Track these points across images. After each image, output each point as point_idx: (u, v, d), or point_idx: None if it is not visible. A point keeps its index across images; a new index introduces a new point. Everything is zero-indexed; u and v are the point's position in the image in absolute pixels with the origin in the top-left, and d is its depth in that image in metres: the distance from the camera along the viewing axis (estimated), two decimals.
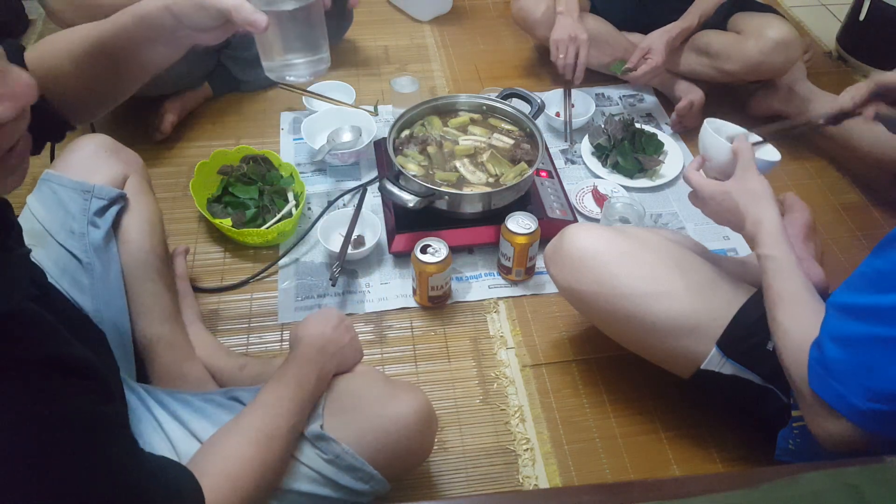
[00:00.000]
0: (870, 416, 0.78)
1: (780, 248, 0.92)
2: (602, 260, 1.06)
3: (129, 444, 0.64)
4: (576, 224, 1.15)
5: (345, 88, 1.78)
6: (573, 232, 1.10)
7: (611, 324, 1.10)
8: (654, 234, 1.11)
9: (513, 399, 1.22)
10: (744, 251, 1.46)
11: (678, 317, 1.01)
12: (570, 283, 1.10)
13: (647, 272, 1.03)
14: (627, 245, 1.06)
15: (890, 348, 0.75)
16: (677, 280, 1.02)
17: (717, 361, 1.00)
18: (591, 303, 1.09)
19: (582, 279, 1.08)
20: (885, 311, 0.75)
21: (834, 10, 2.37)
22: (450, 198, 1.34)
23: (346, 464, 0.85)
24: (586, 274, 1.07)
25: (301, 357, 0.89)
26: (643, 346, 1.09)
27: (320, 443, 0.85)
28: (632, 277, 1.03)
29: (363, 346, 0.98)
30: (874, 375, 0.76)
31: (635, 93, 1.89)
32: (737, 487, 0.59)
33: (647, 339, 1.06)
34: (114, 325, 1.01)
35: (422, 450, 0.96)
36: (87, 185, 1.04)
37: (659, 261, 1.05)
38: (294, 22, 0.83)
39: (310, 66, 0.87)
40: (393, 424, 0.88)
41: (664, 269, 1.04)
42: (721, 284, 1.04)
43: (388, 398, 0.90)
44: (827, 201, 1.61)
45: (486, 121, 1.53)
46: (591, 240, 1.08)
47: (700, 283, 1.03)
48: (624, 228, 1.16)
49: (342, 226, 1.42)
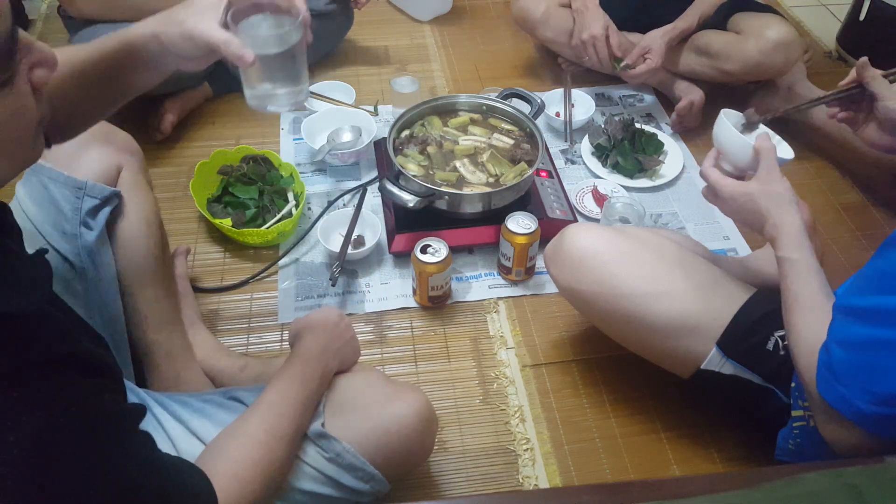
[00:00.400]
0: (874, 420, 0.77)
1: (802, 251, 0.91)
2: (602, 260, 1.06)
3: (149, 441, 0.65)
4: (576, 224, 1.15)
5: (345, 88, 1.78)
6: (573, 232, 1.10)
7: (611, 324, 1.10)
8: (654, 235, 1.11)
9: (513, 399, 1.22)
10: (744, 251, 1.46)
11: (678, 317, 1.01)
12: (570, 283, 1.10)
13: (647, 272, 1.03)
14: (627, 245, 1.06)
15: (892, 350, 0.74)
16: (677, 280, 1.02)
17: (717, 361, 1.00)
18: (591, 303, 1.09)
19: (582, 279, 1.08)
20: (887, 313, 0.75)
21: (834, 10, 2.37)
22: (450, 198, 1.34)
23: (346, 462, 0.85)
24: (586, 274, 1.07)
25: (304, 356, 0.89)
26: (643, 346, 1.09)
27: (322, 441, 0.85)
28: (632, 277, 1.03)
29: (363, 346, 0.98)
30: (876, 378, 0.76)
31: (635, 93, 1.89)
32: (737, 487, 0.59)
33: (647, 339, 1.06)
34: (108, 332, 0.99)
35: (422, 450, 0.95)
36: (79, 182, 0.99)
37: (659, 261, 1.05)
38: (278, 59, 0.85)
39: (290, 96, 0.89)
40: (394, 424, 0.88)
41: (664, 269, 1.04)
42: (721, 284, 1.04)
43: (390, 398, 0.90)
44: (827, 201, 1.61)
45: (486, 121, 1.53)
46: (590, 240, 1.08)
47: (700, 282, 1.03)
48: (624, 228, 1.16)
49: (342, 226, 1.42)
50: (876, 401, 0.76)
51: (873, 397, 0.76)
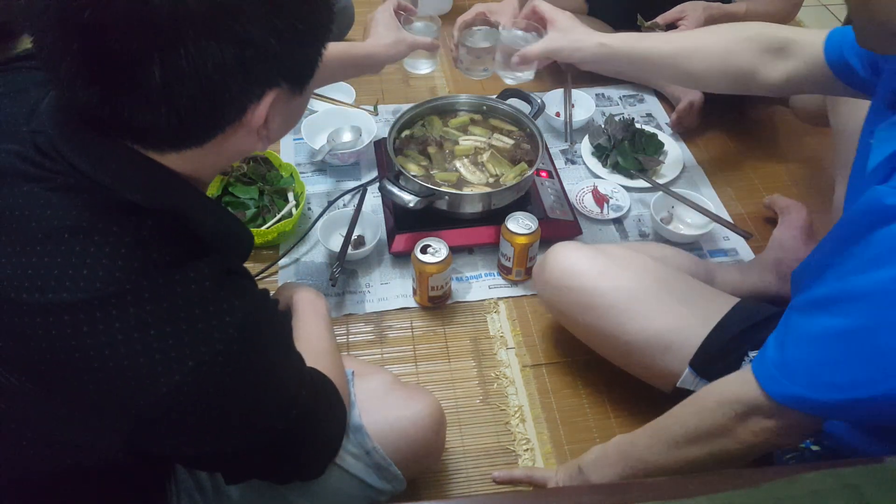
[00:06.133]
0: (829, 407, 0.76)
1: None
2: (580, 279, 1.09)
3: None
4: (560, 243, 1.18)
5: (345, 88, 1.78)
6: (555, 251, 1.14)
7: (592, 341, 1.14)
8: (634, 253, 1.13)
9: (513, 399, 1.22)
10: (744, 251, 1.46)
11: (652, 336, 1.04)
12: (552, 301, 1.16)
13: (623, 292, 1.06)
14: (605, 264, 1.09)
15: (841, 340, 0.73)
16: (652, 300, 1.05)
17: (690, 381, 1.01)
18: (572, 321, 1.14)
19: (562, 297, 1.12)
20: (824, 300, 0.74)
21: (834, 10, 2.37)
22: (450, 198, 1.34)
23: (373, 462, 0.88)
24: (566, 293, 1.11)
25: (305, 301, 1.03)
26: (624, 363, 1.13)
27: (356, 434, 0.88)
28: (608, 297, 1.06)
29: (363, 345, 0.99)
30: (828, 369, 0.74)
31: (635, 93, 1.89)
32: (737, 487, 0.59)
33: (625, 358, 1.10)
34: None
35: (435, 450, 1.00)
36: None
37: (636, 280, 1.07)
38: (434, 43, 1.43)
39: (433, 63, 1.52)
40: (412, 426, 0.92)
41: (640, 288, 1.06)
42: (698, 303, 1.05)
43: (406, 400, 0.95)
44: (825, 202, 1.61)
45: (486, 121, 1.54)
46: (570, 259, 1.11)
47: (676, 301, 1.05)
48: (605, 247, 1.18)
49: (342, 226, 1.42)
50: (829, 389, 0.73)
51: (828, 386, 0.74)
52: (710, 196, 1.57)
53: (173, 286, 0.62)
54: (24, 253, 0.60)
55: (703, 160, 1.68)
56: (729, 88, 1.17)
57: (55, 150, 0.63)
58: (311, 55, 0.67)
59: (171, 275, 0.62)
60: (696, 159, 1.68)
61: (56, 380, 0.61)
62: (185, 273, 0.63)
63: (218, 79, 0.58)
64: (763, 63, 1.09)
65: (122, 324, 0.60)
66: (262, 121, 0.65)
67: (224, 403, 0.65)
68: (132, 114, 0.58)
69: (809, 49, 1.05)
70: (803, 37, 1.07)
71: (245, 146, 0.68)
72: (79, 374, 0.60)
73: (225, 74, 0.58)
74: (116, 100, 0.58)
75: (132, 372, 0.60)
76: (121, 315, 0.60)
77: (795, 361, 0.77)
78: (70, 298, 0.59)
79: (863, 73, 0.97)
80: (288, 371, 0.74)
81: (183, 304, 0.62)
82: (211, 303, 0.63)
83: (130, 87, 0.56)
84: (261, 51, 0.59)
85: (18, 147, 0.64)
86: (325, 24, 0.66)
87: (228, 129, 0.64)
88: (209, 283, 0.64)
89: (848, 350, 0.72)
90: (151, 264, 0.62)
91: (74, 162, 0.62)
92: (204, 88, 0.58)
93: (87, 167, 0.62)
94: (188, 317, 0.62)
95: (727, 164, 1.69)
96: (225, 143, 0.65)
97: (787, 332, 0.79)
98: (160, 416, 0.62)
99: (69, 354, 0.60)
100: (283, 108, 0.67)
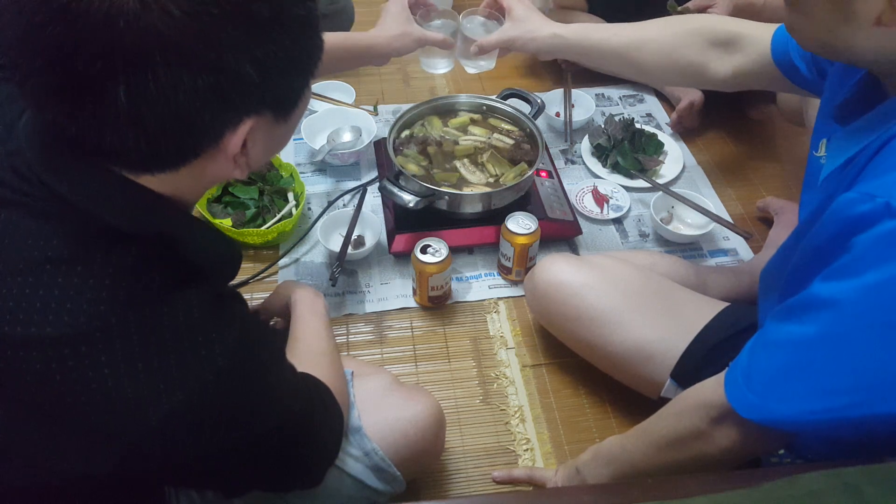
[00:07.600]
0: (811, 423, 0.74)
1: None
2: (566, 291, 1.11)
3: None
4: (549, 256, 1.19)
5: (345, 88, 1.78)
6: (544, 263, 1.16)
7: (579, 350, 1.16)
8: (620, 264, 1.14)
9: (513, 399, 1.22)
10: (744, 252, 1.46)
11: (633, 347, 1.05)
12: (540, 312, 1.19)
13: (606, 303, 1.07)
14: (590, 276, 1.10)
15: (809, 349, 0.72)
16: (634, 312, 1.06)
17: (673, 391, 1.02)
18: (559, 331, 1.16)
19: (550, 308, 1.14)
20: (797, 307, 0.73)
21: None
22: (450, 198, 1.34)
23: (373, 463, 0.88)
24: (552, 304, 1.13)
25: (304, 300, 1.03)
26: (611, 372, 1.14)
27: (355, 435, 0.88)
28: (591, 308, 1.08)
29: (363, 346, 0.99)
30: (801, 377, 0.72)
31: (635, 93, 1.89)
32: (737, 487, 0.59)
33: (611, 367, 1.12)
34: None
35: (435, 450, 1.00)
36: None
37: (620, 291, 1.08)
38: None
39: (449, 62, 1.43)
40: (412, 427, 0.92)
41: (623, 300, 1.07)
42: (682, 312, 1.06)
43: (405, 401, 0.94)
44: None
45: (486, 121, 1.54)
46: (554, 271, 1.13)
47: (658, 313, 1.06)
48: (592, 258, 1.19)
49: (342, 226, 1.42)
50: (808, 397, 0.71)
51: (805, 395, 0.72)
52: (710, 196, 1.57)
53: (160, 318, 0.61)
54: (3, 284, 0.59)
55: (702, 160, 1.68)
56: (680, 82, 1.17)
57: (32, 173, 0.60)
58: (295, 85, 0.64)
59: (158, 305, 0.61)
60: (695, 159, 1.68)
61: (43, 412, 0.60)
62: (173, 303, 0.62)
63: (189, 105, 0.55)
64: (711, 57, 1.08)
65: (108, 357, 0.58)
66: (238, 149, 0.62)
67: (216, 427, 0.64)
68: (99, 135, 0.56)
69: (757, 45, 1.03)
70: (751, 31, 1.04)
71: (223, 172, 0.65)
72: (66, 407, 0.59)
73: (197, 101, 0.55)
74: (83, 120, 0.55)
75: (121, 405, 0.59)
76: (107, 349, 0.58)
77: (758, 369, 0.75)
78: (54, 333, 0.58)
79: (808, 75, 0.96)
80: (280, 388, 0.73)
81: (170, 336, 0.61)
82: (199, 333, 0.62)
83: (95, 107, 0.54)
84: (238, 79, 0.56)
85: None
86: (310, 54, 0.63)
87: (204, 154, 0.61)
88: (197, 313, 0.62)
89: (812, 358, 0.70)
90: (138, 295, 0.60)
91: (53, 185, 0.60)
92: (174, 113, 0.55)
93: (66, 190, 0.60)
94: (177, 348, 0.61)
95: (727, 164, 1.69)
96: (201, 167, 0.63)
97: (758, 337, 0.78)
98: (152, 443, 0.61)
99: (55, 388, 0.58)
100: (265, 135, 0.65)
